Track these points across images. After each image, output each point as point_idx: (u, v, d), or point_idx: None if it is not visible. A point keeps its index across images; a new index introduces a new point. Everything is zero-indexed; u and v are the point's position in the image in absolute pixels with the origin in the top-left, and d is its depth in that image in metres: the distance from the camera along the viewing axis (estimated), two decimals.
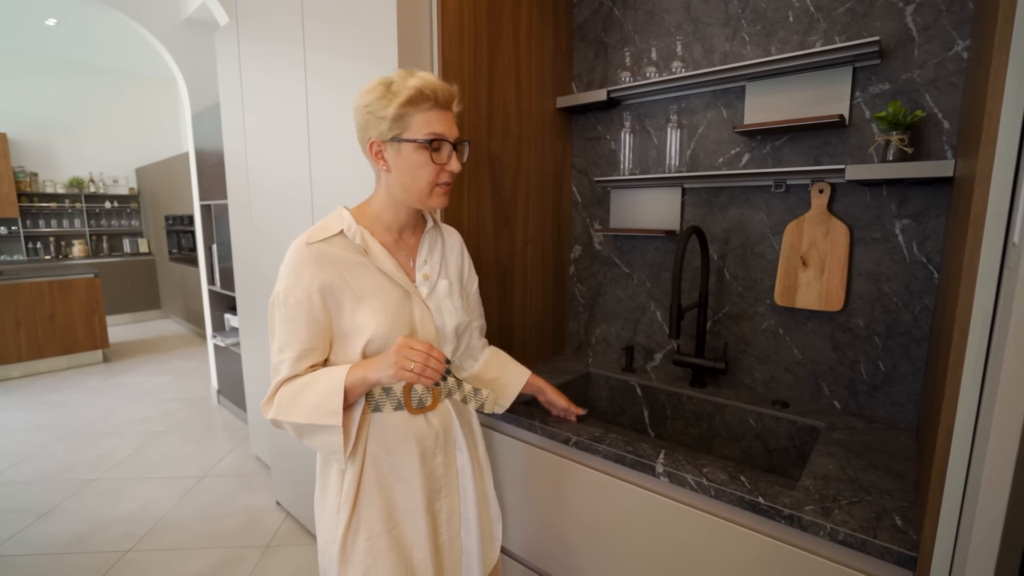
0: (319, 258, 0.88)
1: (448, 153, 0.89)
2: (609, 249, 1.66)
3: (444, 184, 0.91)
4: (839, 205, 1.22)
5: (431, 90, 0.86)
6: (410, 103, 0.85)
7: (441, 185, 0.90)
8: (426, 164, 0.88)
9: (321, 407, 0.83)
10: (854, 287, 1.22)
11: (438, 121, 0.87)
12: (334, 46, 1.43)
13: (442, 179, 0.90)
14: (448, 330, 0.99)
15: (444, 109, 0.88)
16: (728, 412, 1.32)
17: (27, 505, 2.32)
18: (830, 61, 1.15)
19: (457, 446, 1.03)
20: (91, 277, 4.32)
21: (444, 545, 1.02)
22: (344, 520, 0.91)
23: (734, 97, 1.35)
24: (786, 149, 1.28)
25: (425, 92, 0.85)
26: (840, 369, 1.26)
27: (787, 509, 0.82)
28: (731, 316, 1.42)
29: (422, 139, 0.86)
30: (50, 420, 3.28)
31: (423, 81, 0.86)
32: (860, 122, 1.17)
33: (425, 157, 0.87)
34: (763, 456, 1.27)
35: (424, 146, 0.87)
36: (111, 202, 6.17)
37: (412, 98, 0.85)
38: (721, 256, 1.42)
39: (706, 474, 0.92)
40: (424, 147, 0.87)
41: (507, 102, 1.44)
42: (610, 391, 1.56)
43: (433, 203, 0.92)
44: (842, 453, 1.02)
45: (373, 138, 0.89)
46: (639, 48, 1.50)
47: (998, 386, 0.57)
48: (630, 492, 1.02)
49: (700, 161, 1.42)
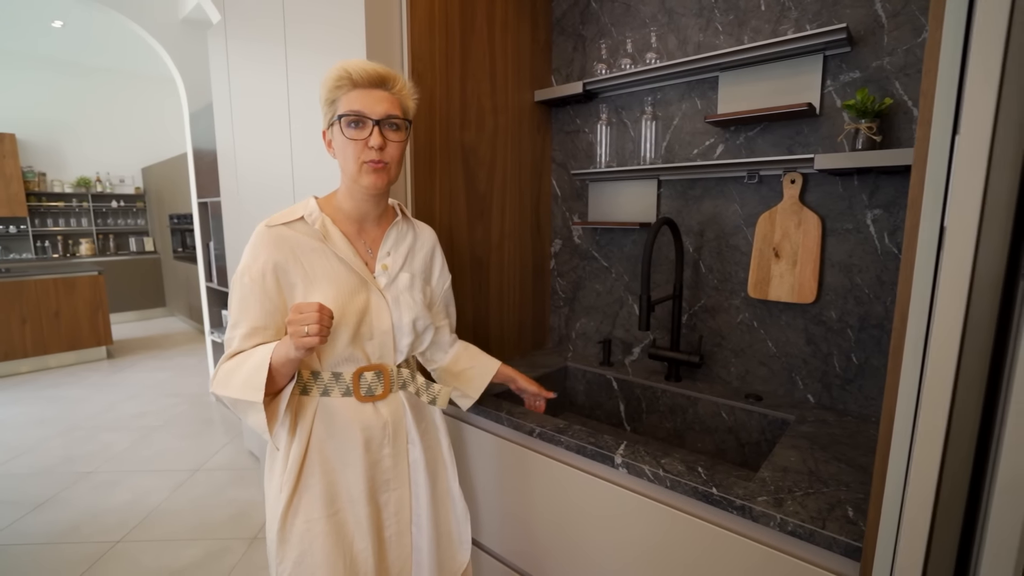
0: (277, 240, 0.90)
1: (370, 129, 0.88)
2: (588, 243, 1.66)
3: (371, 161, 0.89)
4: (811, 196, 1.20)
5: (346, 71, 0.87)
6: (335, 88, 0.88)
7: (368, 163, 0.89)
8: (348, 142, 0.88)
9: (248, 383, 0.84)
10: (827, 279, 1.20)
11: (358, 99, 0.87)
12: (311, 42, 1.44)
13: (366, 156, 0.88)
14: (404, 322, 0.99)
15: (366, 88, 0.88)
16: (701, 406, 1.31)
17: (24, 496, 2.37)
18: (800, 49, 1.14)
19: (409, 439, 1.03)
20: (95, 275, 4.39)
21: (391, 539, 1.02)
22: (284, 501, 0.92)
23: (708, 88, 1.33)
24: (759, 139, 1.26)
25: (342, 75, 0.87)
26: (814, 362, 1.24)
27: (739, 500, 0.81)
28: (707, 309, 1.40)
29: (336, 116, 0.88)
30: (52, 415, 3.34)
31: (341, 65, 0.87)
32: (831, 111, 1.15)
33: (345, 136, 0.88)
34: (735, 449, 1.26)
35: (341, 124, 0.88)
36: (117, 201, 6.26)
37: (333, 83, 0.88)
38: (697, 249, 1.41)
39: (663, 465, 0.92)
40: (341, 126, 0.88)
41: (481, 95, 1.44)
42: (587, 385, 1.56)
43: (364, 181, 0.90)
44: (807, 445, 1.01)
45: (323, 128, 0.92)
46: (615, 40, 1.49)
47: (926, 372, 0.56)
48: (591, 484, 1.02)
49: (675, 153, 1.41)
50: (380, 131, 0.89)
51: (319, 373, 0.95)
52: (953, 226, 0.53)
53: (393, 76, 0.91)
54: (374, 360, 0.98)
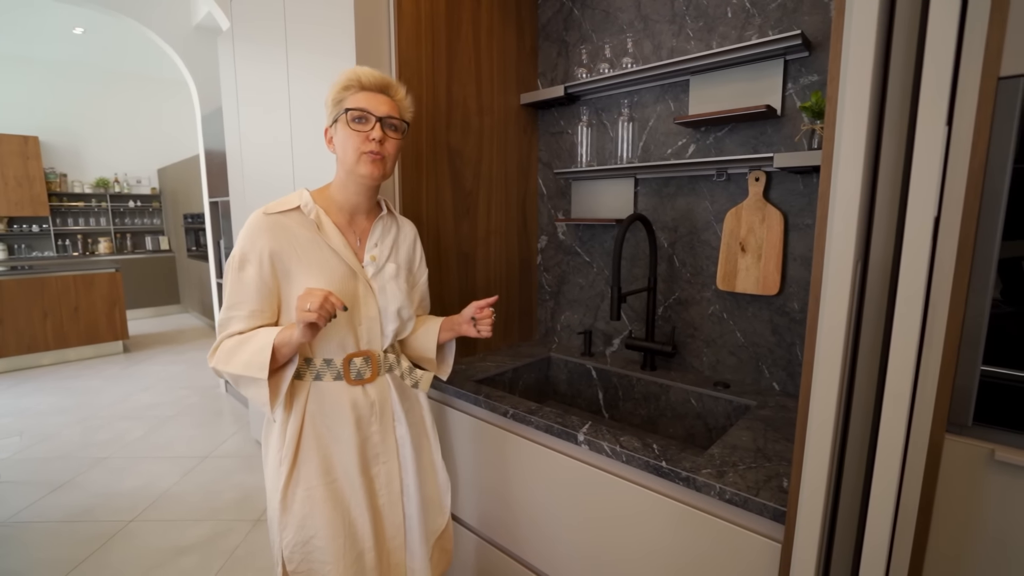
0: (274, 228, 0.98)
1: (372, 124, 0.97)
2: (572, 239, 1.73)
3: (370, 152, 0.97)
4: (774, 193, 1.26)
5: (356, 76, 0.97)
6: (344, 89, 0.97)
7: (367, 153, 0.97)
8: (351, 134, 0.97)
9: (252, 361, 0.92)
10: (789, 272, 1.26)
11: (364, 100, 0.97)
12: (308, 50, 1.53)
13: (366, 147, 0.97)
14: (391, 310, 1.07)
15: (371, 91, 0.98)
16: (673, 393, 1.38)
17: (44, 478, 2.50)
18: (763, 54, 1.20)
19: (396, 417, 1.12)
20: (113, 272, 4.56)
21: (384, 507, 1.10)
22: (285, 473, 1.00)
23: (680, 91, 1.40)
24: (727, 140, 1.33)
25: (352, 78, 0.97)
26: (778, 352, 1.30)
27: (685, 472, 0.88)
28: (680, 302, 1.47)
29: (343, 110, 0.97)
30: (71, 404, 3.49)
31: (352, 71, 0.98)
32: (792, 112, 1.21)
33: (350, 128, 0.97)
34: (704, 434, 1.32)
35: (347, 118, 0.97)
36: (134, 201, 6.46)
37: (343, 85, 0.97)
38: (671, 244, 1.47)
39: (621, 442, 0.99)
40: (347, 119, 0.97)
41: (467, 98, 1.52)
42: (569, 374, 1.63)
43: (362, 170, 0.98)
44: (761, 427, 1.07)
45: (326, 126, 1.02)
46: (595, 45, 1.56)
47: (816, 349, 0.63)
48: (558, 460, 1.09)
49: (651, 152, 1.48)
50: (381, 127, 0.98)
51: (311, 360, 1.04)
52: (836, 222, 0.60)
53: (396, 85, 1.03)
54: (363, 346, 1.06)
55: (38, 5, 4.38)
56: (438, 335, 1.18)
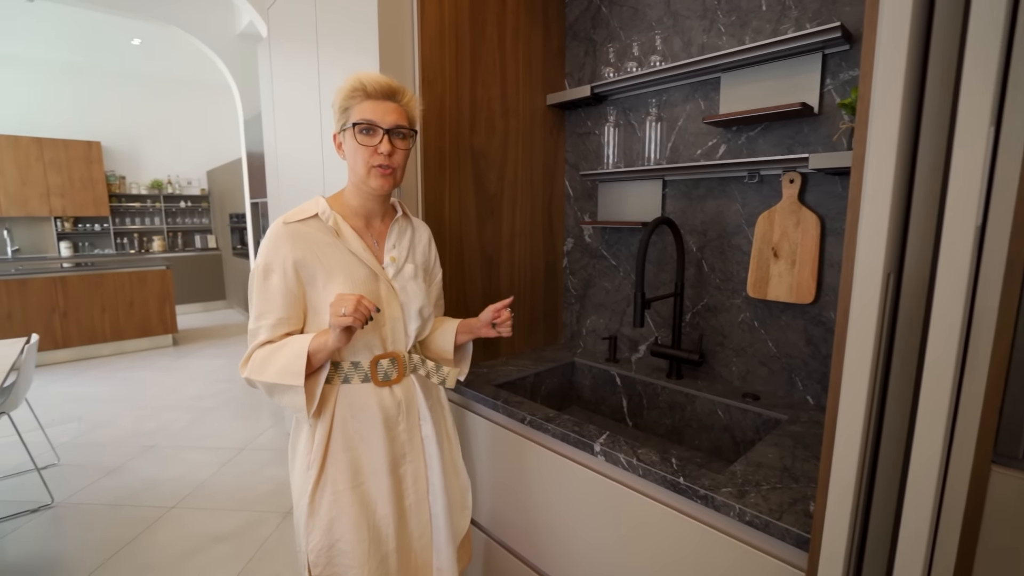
0: (294, 236, 0.99)
1: (380, 137, 0.97)
2: (598, 242, 1.69)
3: (379, 167, 0.98)
4: (810, 195, 1.19)
5: (361, 83, 0.96)
6: (349, 97, 0.97)
7: (377, 167, 0.98)
8: (359, 147, 0.97)
9: (287, 369, 0.94)
10: (826, 279, 1.19)
11: (370, 109, 0.97)
12: (336, 55, 1.56)
13: (375, 161, 0.97)
14: (412, 309, 1.08)
15: (378, 99, 0.98)
16: (699, 403, 1.33)
17: (98, 463, 2.67)
18: (800, 48, 1.13)
19: (421, 416, 1.12)
20: (163, 269, 4.81)
21: (411, 507, 1.11)
22: (313, 477, 1.02)
23: (711, 89, 1.34)
24: (760, 139, 1.27)
25: (356, 86, 0.96)
26: (813, 363, 1.23)
27: (703, 490, 0.84)
28: (709, 308, 1.41)
29: (350, 124, 0.97)
30: (125, 393, 3.71)
31: (356, 76, 0.97)
32: (830, 110, 1.14)
33: (356, 142, 0.97)
34: (730, 447, 1.27)
35: (354, 131, 0.97)
36: (185, 202, 6.81)
37: (348, 93, 0.97)
38: (700, 248, 1.42)
39: (638, 454, 0.96)
40: (354, 132, 0.97)
41: (492, 100, 1.51)
42: (593, 380, 1.60)
43: (372, 184, 0.99)
44: (789, 444, 1.02)
45: (335, 132, 1.02)
46: (623, 44, 1.52)
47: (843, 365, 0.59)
48: (574, 470, 1.07)
49: (680, 153, 1.43)
50: (389, 139, 0.98)
51: (339, 363, 1.05)
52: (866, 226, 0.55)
53: (402, 89, 1.01)
54: (389, 347, 1.07)
55: (100, 20, 4.67)
56: (455, 336, 1.17)
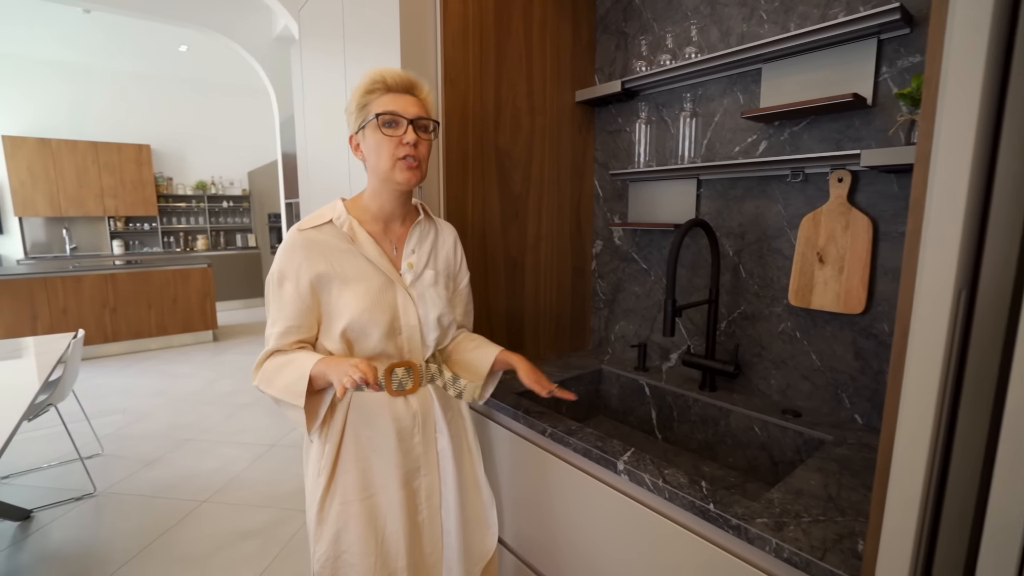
0: (308, 244, 0.97)
1: (404, 128, 0.94)
2: (628, 244, 1.62)
3: (405, 158, 0.94)
4: (862, 195, 1.09)
5: (380, 77, 0.94)
6: (367, 92, 0.94)
7: (403, 159, 0.94)
8: (383, 139, 0.94)
9: (290, 387, 0.91)
10: (878, 287, 1.08)
11: (391, 102, 0.94)
12: (361, 55, 1.55)
13: (400, 152, 0.94)
14: (430, 318, 1.04)
15: (398, 92, 0.95)
16: (734, 418, 1.24)
17: (139, 455, 2.77)
18: (852, 34, 1.03)
19: (437, 429, 1.08)
20: (205, 267, 4.99)
21: (423, 522, 1.07)
22: (322, 485, 1.00)
23: (751, 81, 1.25)
24: (805, 135, 1.17)
25: (377, 79, 0.94)
26: (863, 380, 1.12)
27: (736, 519, 0.77)
28: (746, 316, 1.32)
29: (372, 116, 0.94)
30: (166, 387, 3.86)
31: (376, 71, 0.94)
32: (886, 101, 1.04)
33: (381, 134, 0.94)
34: (768, 467, 1.18)
35: (378, 123, 0.93)
36: (227, 202, 7.06)
37: (367, 88, 0.94)
38: (737, 252, 1.33)
39: (665, 475, 0.89)
40: (378, 124, 0.93)
41: (517, 97, 1.46)
42: (620, 389, 1.53)
43: (398, 177, 0.95)
44: (835, 469, 0.92)
45: (351, 134, 0.99)
46: (656, 36, 1.44)
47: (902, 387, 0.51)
48: (597, 488, 1.01)
49: (716, 151, 1.34)
50: (414, 129, 0.95)
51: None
52: (934, 230, 0.47)
53: (420, 83, 0.99)
54: (404, 355, 1.04)
55: (150, 28, 4.88)
56: (493, 363, 1.11)
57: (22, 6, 4.39)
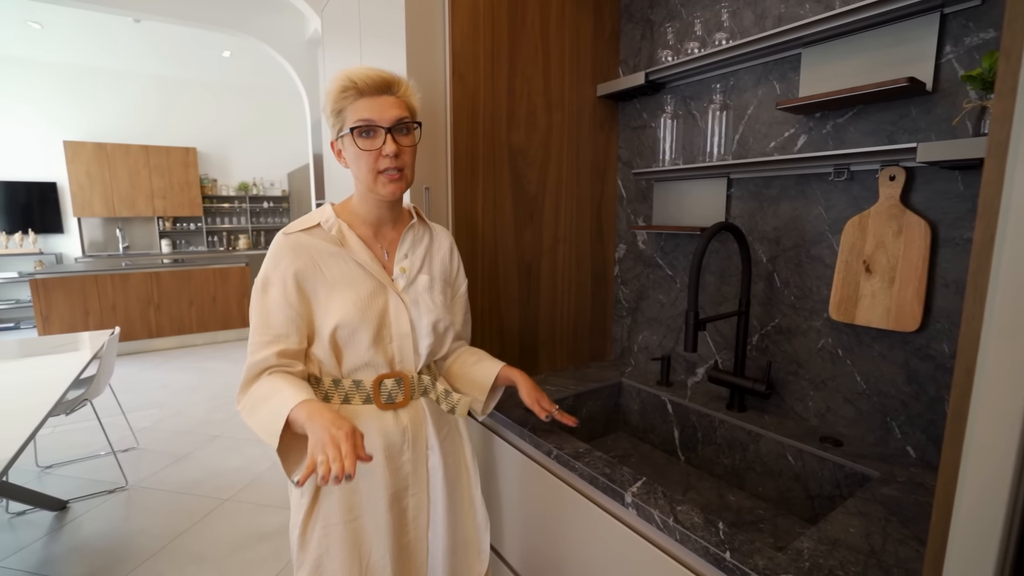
0: (296, 247, 0.92)
1: (383, 138, 0.87)
2: (652, 249, 1.51)
3: (386, 171, 0.88)
4: (918, 195, 0.95)
5: (350, 80, 0.86)
6: (341, 98, 0.87)
7: (384, 172, 0.88)
8: (361, 153, 0.88)
9: (266, 425, 0.81)
10: (937, 302, 0.94)
11: (365, 108, 0.87)
12: (371, 54, 1.50)
13: (381, 165, 0.88)
14: (423, 324, 0.98)
15: (373, 95, 0.87)
16: (764, 444, 1.11)
17: (170, 450, 2.85)
18: (909, 9, 0.90)
19: (429, 445, 1.02)
20: (243, 266, 5.14)
21: (410, 544, 1.01)
22: (305, 506, 0.94)
23: (789, 68, 1.12)
24: (851, 127, 1.03)
25: (347, 84, 0.86)
26: (917, 407, 0.98)
27: (755, 572, 0.66)
28: (781, 330, 1.19)
29: (347, 128, 0.87)
30: (201, 383, 3.98)
31: (344, 74, 0.87)
32: (950, 86, 0.89)
33: (358, 148, 0.88)
34: (802, 501, 1.05)
35: (353, 136, 0.87)
36: (268, 202, 7.28)
37: (339, 93, 0.87)
38: (771, 259, 1.20)
39: (677, 513, 0.79)
40: (353, 137, 0.87)
41: (532, 92, 1.38)
42: (641, 405, 1.42)
43: (380, 191, 0.90)
44: (881, 514, 0.80)
45: (332, 139, 0.93)
46: (684, 22, 1.33)
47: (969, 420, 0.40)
48: (604, 520, 0.91)
49: (749, 147, 1.21)
50: (393, 138, 0.88)
51: (340, 380, 0.95)
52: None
53: (397, 79, 0.91)
54: (396, 366, 0.97)
55: (195, 35, 5.07)
56: (496, 377, 1.05)
57: (77, 19, 4.64)
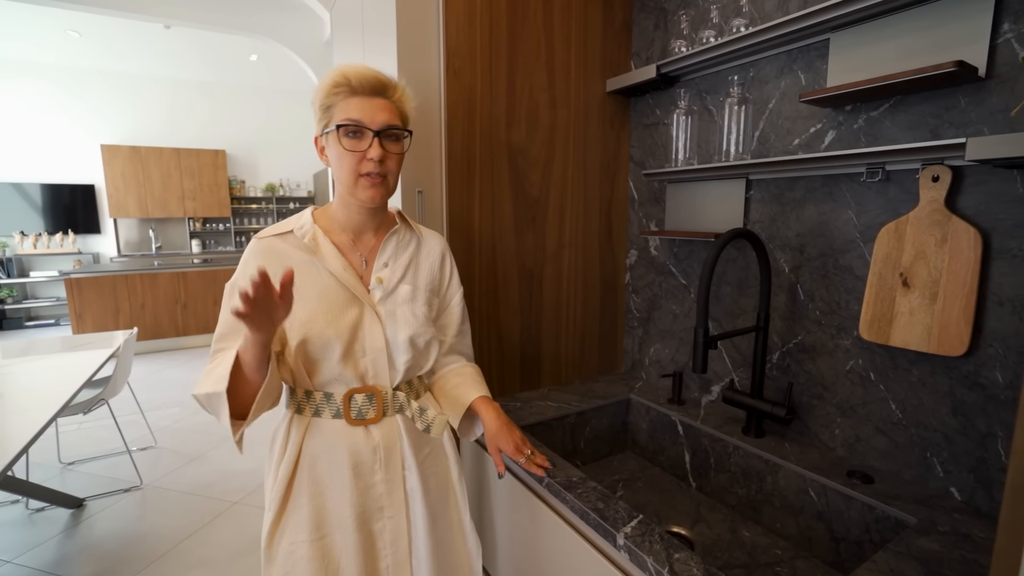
0: (266, 252, 0.88)
1: (369, 141, 0.82)
2: (665, 255, 1.40)
3: (368, 175, 0.83)
4: (967, 199, 0.82)
5: (345, 77, 0.82)
6: (332, 93, 0.83)
7: (366, 176, 0.83)
8: (345, 153, 0.83)
9: (214, 372, 0.80)
10: (988, 323, 0.81)
11: (356, 108, 0.82)
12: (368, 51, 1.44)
13: (364, 168, 0.83)
14: (400, 339, 0.91)
15: (365, 96, 0.83)
16: (783, 476, 1.00)
17: (185, 450, 2.88)
18: None
19: (405, 466, 0.95)
20: None
21: (387, 569, 0.94)
22: (270, 520, 0.89)
23: (815, 56, 1.01)
24: (887, 121, 0.91)
25: (340, 80, 0.82)
26: (963, 442, 0.85)
27: None
28: (804, 348, 1.07)
29: (334, 125, 0.82)
30: None
31: (339, 69, 0.82)
32: (1007, 71, 0.77)
33: (342, 147, 0.82)
34: (826, 543, 0.93)
35: (339, 135, 0.82)
36: (294, 203, 7.39)
37: (330, 87, 0.82)
38: (794, 269, 1.08)
39: (673, 562, 0.69)
40: (339, 136, 0.82)
41: (535, 89, 1.29)
42: (651, 424, 1.32)
43: (360, 195, 0.85)
44: (918, 573, 0.68)
45: (316, 134, 0.88)
46: (700, 9, 1.22)
47: None
48: (593, 558, 0.82)
49: (771, 145, 1.10)
50: (380, 142, 0.83)
51: (311, 392, 0.91)
52: None
53: (393, 83, 0.87)
54: (369, 380, 0.91)
55: (226, 40, 5.17)
56: (469, 406, 0.98)
57: (112, 27, 4.79)
